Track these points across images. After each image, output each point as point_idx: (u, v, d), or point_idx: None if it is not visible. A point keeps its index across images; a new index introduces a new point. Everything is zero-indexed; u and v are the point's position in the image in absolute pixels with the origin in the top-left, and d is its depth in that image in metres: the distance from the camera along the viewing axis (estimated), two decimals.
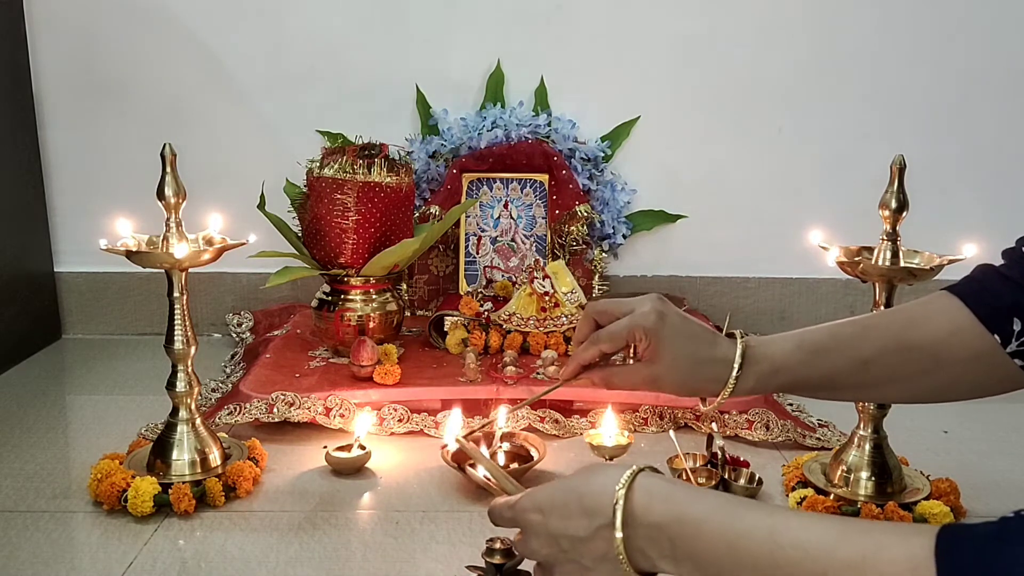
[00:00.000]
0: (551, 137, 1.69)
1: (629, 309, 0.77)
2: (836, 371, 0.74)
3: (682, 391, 0.78)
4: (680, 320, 0.76)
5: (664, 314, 0.75)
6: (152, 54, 1.69)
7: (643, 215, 1.76)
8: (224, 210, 1.11)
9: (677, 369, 0.75)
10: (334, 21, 1.69)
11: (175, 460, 1.06)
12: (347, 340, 1.39)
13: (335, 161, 1.39)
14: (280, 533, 0.99)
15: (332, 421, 1.23)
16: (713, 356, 0.75)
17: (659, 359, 0.76)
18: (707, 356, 0.75)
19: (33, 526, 1.00)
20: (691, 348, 0.76)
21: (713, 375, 0.75)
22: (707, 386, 0.77)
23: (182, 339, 1.05)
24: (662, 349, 0.75)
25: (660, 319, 0.75)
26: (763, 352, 0.76)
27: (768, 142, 1.75)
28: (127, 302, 1.77)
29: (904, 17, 1.70)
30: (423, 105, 1.72)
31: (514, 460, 1.13)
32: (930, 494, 1.03)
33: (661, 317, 0.75)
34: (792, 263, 1.76)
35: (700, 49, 1.72)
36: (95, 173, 1.73)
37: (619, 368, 0.80)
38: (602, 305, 0.80)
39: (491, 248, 1.71)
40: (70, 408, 1.42)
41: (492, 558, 0.82)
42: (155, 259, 1.02)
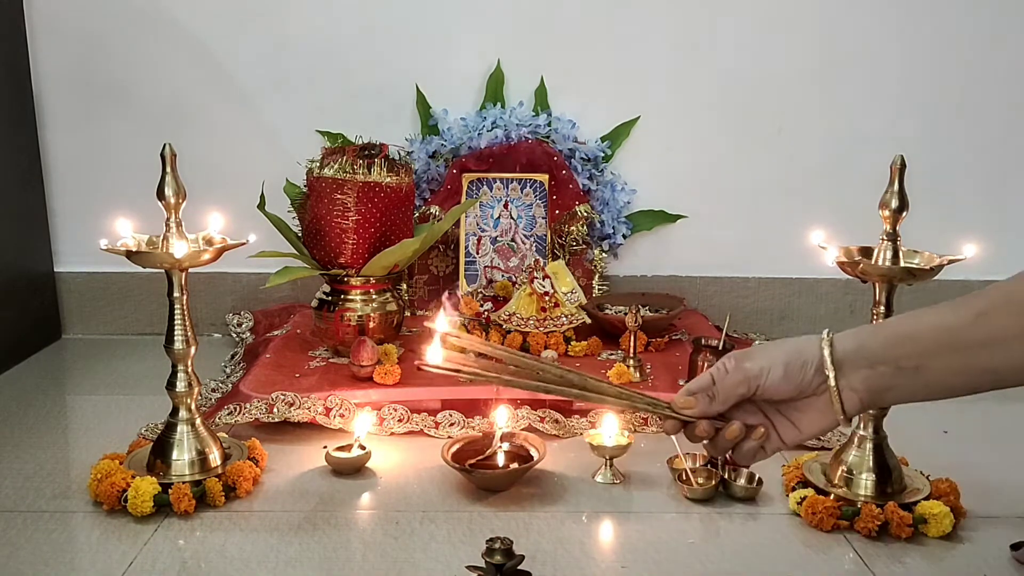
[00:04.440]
0: (551, 137, 1.69)
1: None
2: (947, 328, 0.66)
3: (786, 393, 0.70)
4: (763, 344, 0.74)
5: (740, 353, 0.71)
6: (152, 55, 1.69)
7: (643, 215, 1.76)
8: (224, 210, 1.11)
9: (775, 374, 0.69)
10: (334, 21, 1.69)
11: (175, 460, 1.06)
12: (347, 340, 1.39)
13: (335, 161, 1.39)
14: (280, 533, 0.99)
15: (332, 421, 1.23)
16: (802, 351, 0.70)
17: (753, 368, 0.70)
18: (795, 350, 0.70)
19: (33, 526, 1.00)
20: (777, 350, 0.71)
21: (810, 376, 0.69)
22: (813, 390, 0.70)
23: (182, 339, 1.05)
24: (753, 363, 0.70)
25: (733, 357, 0.71)
26: (847, 338, 0.69)
27: (768, 142, 1.75)
28: (127, 302, 1.77)
29: (904, 17, 1.70)
30: (423, 105, 1.72)
31: (514, 460, 1.13)
32: (930, 494, 1.02)
33: (735, 355, 0.71)
34: (792, 263, 1.76)
35: (700, 49, 1.72)
36: (95, 173, 1.73)
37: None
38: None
39: (491, 248, 1.71)
40: (70, 408, 1.42)
41: (492, 558, 0.82)
42: (155, 259, 1.02)
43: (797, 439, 0.72)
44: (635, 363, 1.36)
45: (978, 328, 0.65)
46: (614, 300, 1.65)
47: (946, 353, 0.66)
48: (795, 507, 1.04)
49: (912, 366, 0.67)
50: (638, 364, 1.36)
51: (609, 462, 1.13)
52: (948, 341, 0.66)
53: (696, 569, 0.94)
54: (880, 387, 0.68)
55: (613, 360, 1.44)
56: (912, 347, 0.67)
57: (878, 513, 0.98)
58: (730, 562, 0.95)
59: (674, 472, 1.11)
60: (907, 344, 0.67)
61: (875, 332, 0.70)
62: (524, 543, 0.96)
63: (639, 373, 1.36)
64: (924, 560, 0.95)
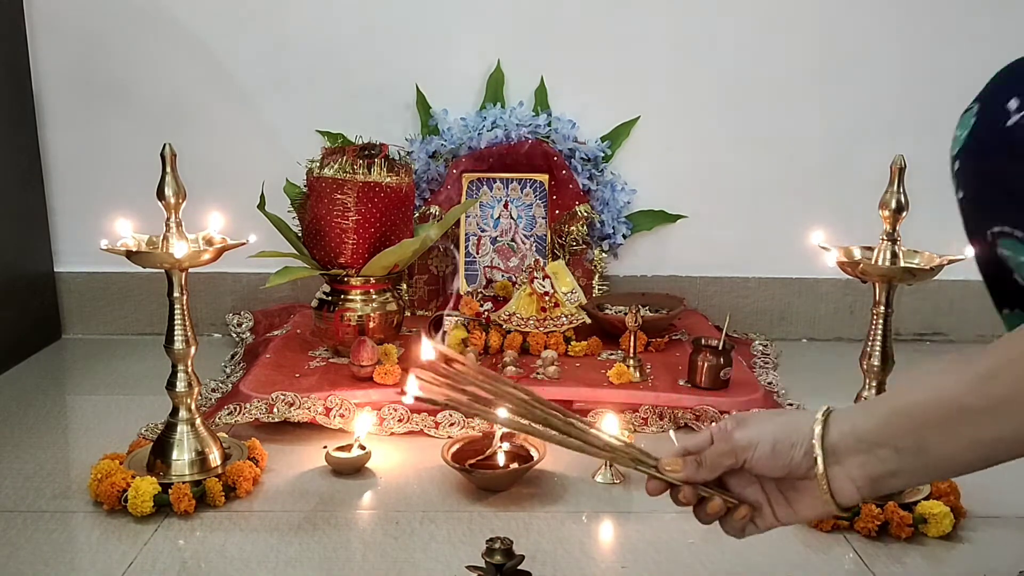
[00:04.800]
0: (551, 137, 1.69)
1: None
2: (950, 397, 0.58)
3: (775, 472, 0.64)
4: (760, 413, 0.69)
5: (739, 417, 0.67)
6: (152, 54, 1.69)
7: (643, 215, 1.76)
8: (224, 210, 1.11)
9: (762, 450, 0.64)
10: (334, 21, 1.69)
11: (175, 460, 1.06)
12: (347, 340, 1.39)
13: (335, 161, 1.39)
14: (280, 533, 0.99)
15: (332, 421, 1.23)
16: (795, 429, 0.64)
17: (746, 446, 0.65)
18: (787, 428, 0.64)
19: (33, 526, 1.00)
20: (770, 424, 0.65)
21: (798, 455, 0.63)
22: (804, 472, 0.63)
23: (182, 339, 1.05)
24: (743, 434, 0.65)
25: (733, 419, 0.67)
26: (843, 418, 0.63)
27: (768, 142, 1.75)
28: (127, 302, 1.77)
29: (904, 17, 1.70)
30: (423, 105, 1.72)
31: (514, 460, 1.13)
32: (930, 494, 1.03)
33: (735, 419, 0.67)
34: (792, 263, 1.76)
35: (700, 49, 1.72)
36: (95, 173, 1.73)
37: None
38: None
39: (491, 248, 1.71)
40: (70, 408, 1.42)
41: (492, 558, 0.82)
42: (155, 259, 1.02)
43: (791, 520, 0.66)
44: (635, 363, 1.36)
45: (983, 393, 0.56)
46: (614, 300, 1.65)
47: (949, 426, 0.58)
48: None
49: (913, 446, 0.59)
50: (638, 364, 1.36)
51: (609, 462, 1.13)
52: (949, 413, 0.58)
53: (696, 569, 0.94)
54: (880, 473, 0.61)
55: (613, 360, 1.44)
56: (911, 423, 0.59)
57: (878, 513, 0.98)
58: (730, 562, 0.95)
59: None
60: (903, 421, 0.59)
61: (871, 410, 0.62)
62: (524, 543, 0.96)
63: (639, 373, 1.36)
64: (924, 560, 0.95)
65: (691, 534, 1.00)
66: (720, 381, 1.33)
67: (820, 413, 0.63)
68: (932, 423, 0.58)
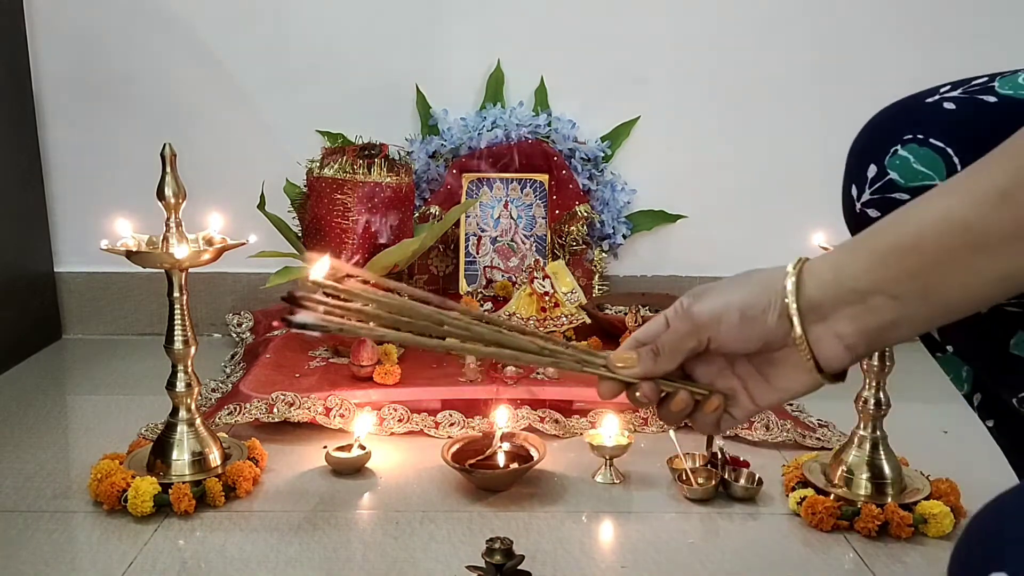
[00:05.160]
0: (551, 137, 1.69)
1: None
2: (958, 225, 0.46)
3: (748, 346, 0.53)
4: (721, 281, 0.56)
5: (696, 291, 0.56)
6: (152, 54, 1.69)
7: (643, 215, 1.76)
8: (224, 210, 1.11)
9: (728, 322, 0.53)
10: (334, 21, 1.69)
11: (175, 460, 1.06)
12: (347, 340, 1.39)
13: (335, 161, 1.39)
14: (280, 533, 0.99)
15: (332, 421, 1.23)
16: (765, 289, 0.53)
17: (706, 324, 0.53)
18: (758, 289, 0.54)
19: (33, 526, 1.00)
20: (735, 290, 0.54)
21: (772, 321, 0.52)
22: (784, 340, 0.52)
23: (182, 339, 1.05)
24: (703, 307, 0.54)
25: (690, 295, 0.56)
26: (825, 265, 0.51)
27: (768, 142, 1.75)
28: (127, 302, 1.77)
29: (904, 17, 1.70)
30: (423, 105, 1.72)
31: (514, 460, 1.13)
32: (930, 494, 1.02)
33: (692, 294, 0.56)
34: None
35: (700, 49, 1.72)
36: (95, 173, 1.73)
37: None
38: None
39: (491, 248, 1.71)
40: (70, 408, 1.42)
41: (492, 558, 0.82)
42: (155, 259, 1.02)
43: (773, 401, 0.56)
44: None
45: (1002, 216, 0.44)
46: (614, 300, 1.65)
47: (960, 261, 0.46)
48: (795, 507, 1.04)
49: (916, 289, 0.48)
50: None
51: (609, 462, 1.13)
52: (961, 244, 0.46)
53: (696, 569, 0.94)
54: (877, 326, 0.49)
55: None
56: (911, 261, 0.47)
57: (878, 513, 0.98)
58: (730, 562, 0.95)
59: (674, 472, 1.11)
60: (903, 258, 0.48)
61: (856, 248, 0.50)
62: (524, 543, 0.96)
63: None
64: (924, 560, 0.95)
65: (691, 534, 1.00)
66: None
67: (792, 265, 0.52)
68: (938, 259, 0.47)
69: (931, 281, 0.47)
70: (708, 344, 0.54)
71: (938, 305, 0.48)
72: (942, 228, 0.46)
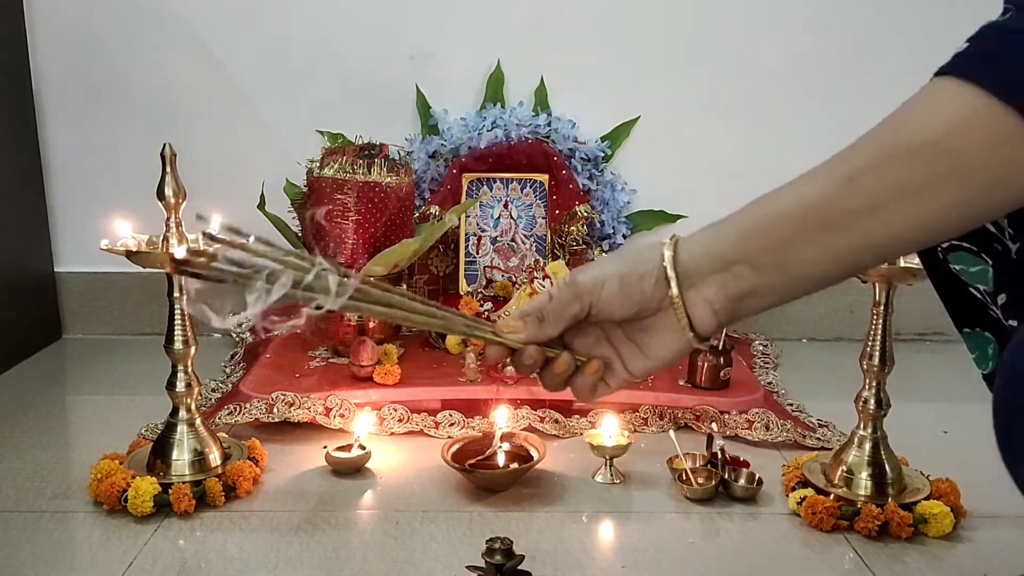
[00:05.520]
0: (551, 137, 1.69)
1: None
2: (811, 205, 0.54)
3: (625, 311, 0.59)
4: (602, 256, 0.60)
5: (579, 268, 0.61)
6: (152, 54, 1.69)
7: (643, 215, 1.76)
8: (224, 210, 1.11)
9: (609, 288, 0.58)
10: (334, 21, 1.69)
11: (175, 460, 1.06)
12: (347, 340, 1.39)
13: (335, 161, 1.39)
14: (280, 533, 0.99)
15: (332, 421, 1.23)
16: (641, 259, 0.59)
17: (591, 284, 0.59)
18: (634, 259, 0.59)
19: (33, 526, 1.00)
20: (614, 261, 0.60)
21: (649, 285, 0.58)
22: (658, 304, 0.58)
23: (182, 339, 1.05)
24: (585, 276, 0.59)
25: (572, 271, 0.61)
26: (696, 239, 0.59)
27: (768, 142, 1.75)
28: (127, 302, 1.77)
29: (906, 15, 1.70)
30: (423, 105, 1.72)
31: (514, 460, 1.13)
32: (930, 494, 1.02)
33: (575, 270, 0.61)
34: None
35: (700, 49, 1.72)
36: (95, 173, 1.73)
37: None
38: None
39: (491, 248, 1.71)
40: (70, 408, 1.42)
41: (492, 558, 0.82)
42: (155, 259, 1.02)
43: (645, 368, 0.61)
44: None
45: (848, 197, 0.52)
46: None
47: (812, 236, 0.53)
48: (795, 507, 1.04)
49: (773, 261, 0.55)
50: None
51: (609, 462, 1.13)
52: (812, 222, 0.53)
53: (696, 569, 0.94)
54: (738, 293, 0.56)
55: None
56: (769, 236, 0.55)
57: (878, 513, 0.98)
58: (730, 562, 0.95)
59: (674, 472, 1.11)
60: (763, 233, 0.55)
61: (724, 225, 0.58)
62: (524, 543, 0.96)
63: None
64: (924, 560, 0.95)
65: (691, 534, 1.00)
66: (720, 381, 1.33)
67: (667, 239, 0.58)
68: (792, 234, 0.54)
69: (786, 255, 0.54)
70: (589, 310, 0.59)
71: (791, 276, 0.55)
72: (797, 208, 0.54)
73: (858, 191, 0.52)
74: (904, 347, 1.48)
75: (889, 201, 0.51)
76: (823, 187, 0.54)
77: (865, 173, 0.52)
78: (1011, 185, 0.50)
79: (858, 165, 0.52)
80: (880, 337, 1.03)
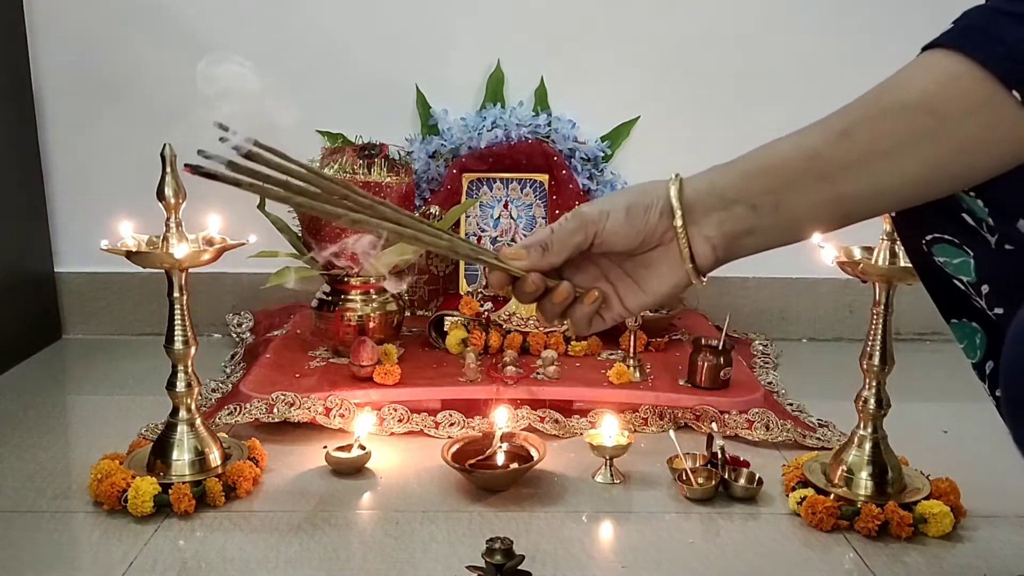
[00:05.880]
0: (551, 137, 1.69)
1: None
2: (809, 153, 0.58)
3: (629, 241, 0.62)
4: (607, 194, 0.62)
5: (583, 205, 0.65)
6: (152, 54, 1.69)
7: None
8: (224, 210, 1.11)
9: (615, 218, 0.61)
10: (334, 21, 1.69)
11: (175, 460, 1.06)
12: (347, 340, 1.39)
13: (335, 161, 1.39)
14: (280, 533, 0.99)
15: (332, 421, 1.23)
16: (647, 193, 0.63)
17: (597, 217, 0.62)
18: (640, 192, 0.63)
19: (33, 526, 1.00)
20: (620, 194, 0.64)
21: (654, 218, 0.61)
22: (659, 238, 0.62)
23: (182, 339, 1.05)
24: (591, 207, 0.63)
25: (576, 208, 0.64)
26: (700, 178, 0.63)
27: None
28: (127, 302, 1.77)
29: (905, 15, 1.70)
30: (423, 105, 1.72)
31: (514, 460, 1.13)
32: (930, 494, 1.02)
33: (579, 207, 0.64)
34: (792, 263, 1.76)
35: (700, 49, 1.72)
36: (95, 173, 1.73)
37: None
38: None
39: (491, 248, 1.71)
40: (70, 408, 1.42)
41: (492, 558, 0.82)
42: (155, 259, 1.02)
43: (642, 303, 0.64)
44: (635, 363, 1.36)
45: (841, 149, 0.57)
46: None
47: (807, 182, 0.58)
48: (795, 507, 1.04)
49: (770, 203, 0.59)
50: (638, 364, 1.36)
51: (609, 462, 1.13)
52: (808, 169, 0.58)
53: (696, 569, 0.94)
54: (736, 231, 0.60)
55: (613, 360, 1.44)
56: (769, 180, 0.59)
57: (878, 513, 0.98)
58: (730, 562, 0.95)
59: (674, 472, 1.11)
60: (763, 177, 0.59)
61: (727, 168, 0.62)
62: (524, 543, 0.96)
63: (639, 373, 1.36)
64: (924, 560, 0.95)
65: (691, 534, 1.00)
66: (720, 381, 1.33)
67: (672, 177, 0.63)
68: (790, 179, 0.58)
69: (782, 197, 0.58)
70: (593, 240, 0.61)
71: (785, 219, 0.59)
72: (796, 155, 0.59)
73: (850, 144, 0.56)
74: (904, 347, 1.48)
75: (877, 154, 0.56)
76: (819, 138, 0.58)
77: (856, 126, 0.57)
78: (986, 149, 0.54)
79: (850, 120, 0.57)
80: (880, 337, 1.03)
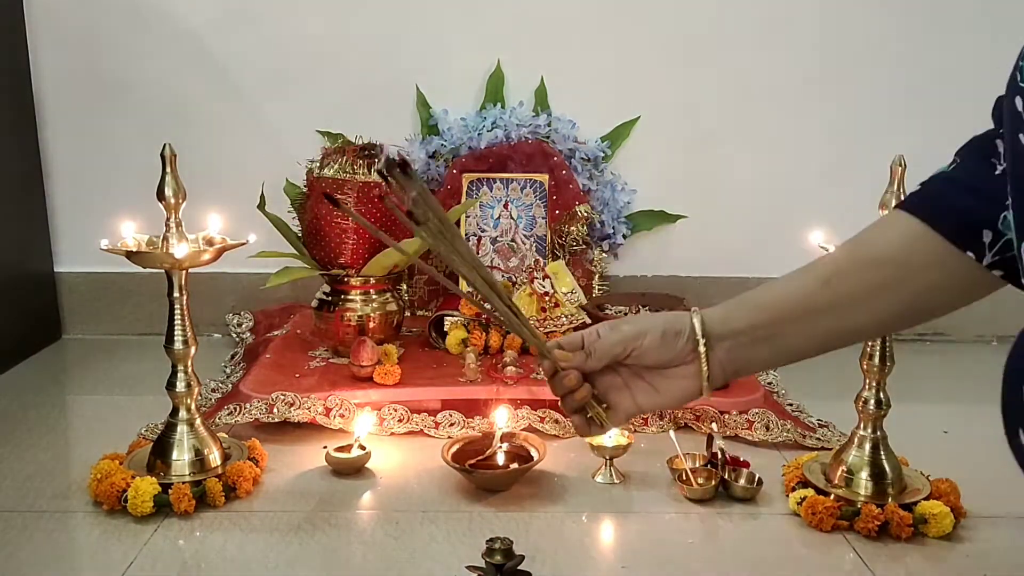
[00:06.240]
0: (551, 137, 1.69)
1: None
2: (796, 296, 0.73)
3: (662, 359, 0.74)
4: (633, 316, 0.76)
5: (612, 323, 0.76)
6: (152, 55, 1.69)
7: (643, 215, 1.76)
8: (224, 210, 1.11)
9: (652, 339, 0.73)
10: (334, 21, 1.69)
11: (175, 460, 1.06)
12: (347, 340, 1.39)
13: (335, 161, 1.39)
14: (280, 533, 0.99)
15: (332, 421, 1.23)
16: (677, 320, 0.75)
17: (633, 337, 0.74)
18: (672, 319, 0.75)
19: (33, 526, 1.00)
20: (654, 318, 0.75)
21: (685, 346, 0.74)
22: (683, 358, 0.74)
23: (182, 339, 1.05)
24: (631, 327, 0.74)
25: (606, 324, 0.76)
26: (715, 312, 0.75)
27: (768, 142, 1.75)
28: (127, 302, 1.77)
29: (905, 17, 1.70)
30: (423, 105, 1.72)
31: (514, 460, 1.13)
32: (930, 494, 1.02)
33: (609, 324, 0.76)
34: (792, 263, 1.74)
35: (700, 49, 1.72)
36: (95, 173, 1.73)
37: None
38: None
39: (491, 248, 1.71)
40: (70, 408, 1.42)
41: (492, 558, 0.82)
42: (155, 259, 1.02)
43: (655, 403, 0.76)
44: None
45: (825, 294, 0.71)
46: (614, 300, 1.65)
47: (797, 320, 0.72)
48: (795, 507, 1.04)
49: (766, 335, 0.73)
50: None
51: (609, 462, 1.13)
52: (798, 309, 0.72)
53: (696, 569, 0.94)
54: (741, 357, 0.74)
55: None
56: (767, 316, 0.73)
57: (878, 513, 0.98)
58: (730, 562, 0.95)
59: (674, 472, 1.11)
60: (762, 314, 0.73)
61: (738, 305, 0.75)
62: (524, 543, 0.96)
63: None
64: (924, 560, 0.95)
65: (691, 534, 1.00)
66: None
67: (693, 310, 0.75)
68: (784, 318, 0.72)
69: (778, 330, 0.73)
70: (630, 354, 0.73)
71: (780, 348, 0.73)
72: (790, 297, 0.73)
73: (831, 291, 0.71)
74: (904, 347, 1.48)
75: (854, 298, 0.70)
76: (805, 284, 0.73)
77: (837, 276, 0.71)
78: (944, 293, 0.69)
79: (831, 270, 0.72)
80: (880, 337, 1.03)
